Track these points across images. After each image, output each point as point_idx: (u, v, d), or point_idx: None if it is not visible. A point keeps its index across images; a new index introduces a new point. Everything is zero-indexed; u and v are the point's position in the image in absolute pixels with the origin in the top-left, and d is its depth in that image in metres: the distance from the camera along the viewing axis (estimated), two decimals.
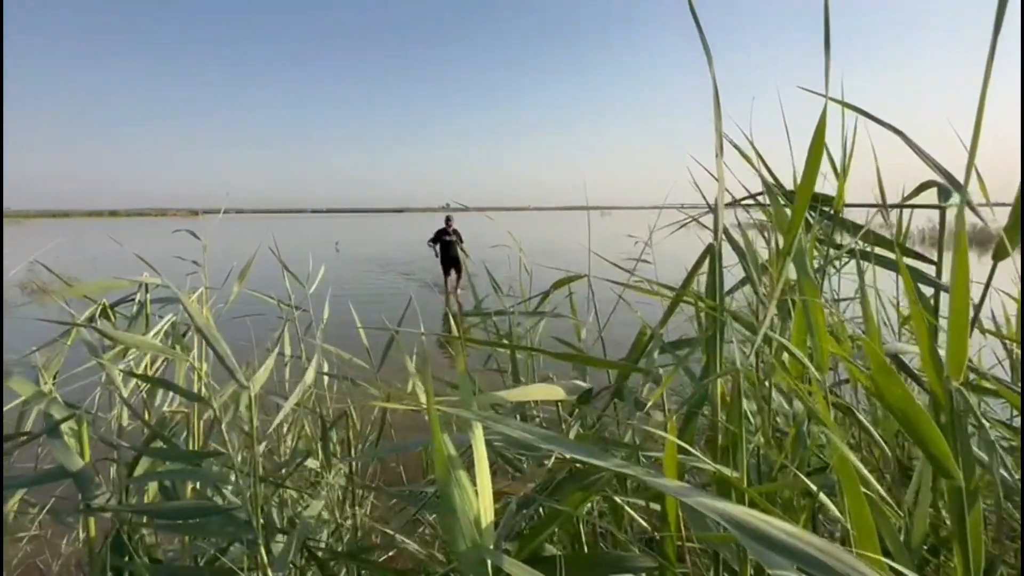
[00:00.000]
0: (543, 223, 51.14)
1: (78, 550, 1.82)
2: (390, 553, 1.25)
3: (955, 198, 1.08)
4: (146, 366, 1.38)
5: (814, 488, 0.68)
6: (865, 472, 0.55)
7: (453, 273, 9.64)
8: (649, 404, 0.58)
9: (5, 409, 1.21)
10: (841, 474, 0.57)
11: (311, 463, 1.18)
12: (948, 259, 1.17)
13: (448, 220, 9.59)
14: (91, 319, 1.38)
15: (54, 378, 1.17)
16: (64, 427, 0.96)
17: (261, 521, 0.85)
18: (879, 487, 0.59)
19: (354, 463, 1.10)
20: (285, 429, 1.55)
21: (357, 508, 1.13)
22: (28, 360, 1.17)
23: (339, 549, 1.11)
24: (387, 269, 14.35)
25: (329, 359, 1.75)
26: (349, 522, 1.15)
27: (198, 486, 1.07)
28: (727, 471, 0.61)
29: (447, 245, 9.46)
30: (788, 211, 0.85)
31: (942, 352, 0.58)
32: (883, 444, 0.71)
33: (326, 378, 1.70)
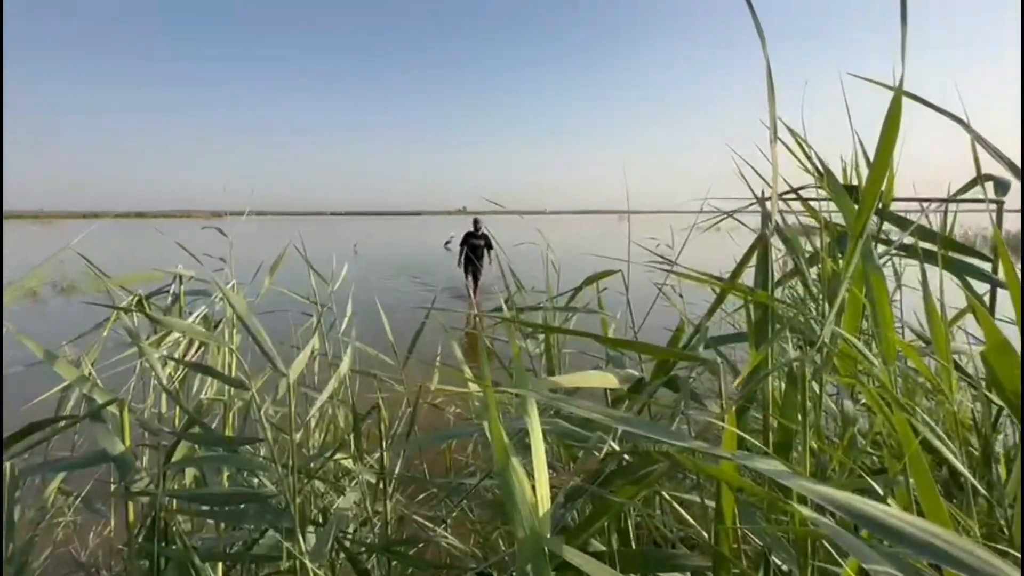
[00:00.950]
0: (561, 226, 51.04)
1: (105, 540, 1.85)
2: (418, 548, 1.24)
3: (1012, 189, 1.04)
4: (180, 355, 1.40)
5: (879, 488, 0.65)
6: (951, 457, 0.51)
7: (471, 279, 9.07)
8: (739, 381, 0.56)
9: (45, 396, 1.23)
10: (913, 466, 0.54)
11: (341, 456, 1.18)
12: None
13: (476, 223, 9.06)
14: (128, 309, 1.40)
15: (91, 366, 1.19)
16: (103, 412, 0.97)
17: (297, 509, 0.84)
18: (962, 467, 0.55)
19: (385, 456, 1.09)
20: (313, 423, 1.55)
21: (388, 501, 1.12)
22: (60, 353, 1.19)
23: (368, 541, 1.10)
24: (401, 272, 13.68)
25: (353, 355, 1.76)
26: (379, 516, 1.14)
27: (233, 474, 1.08)
28: (789, 466, 0.58)
29: (472, 249, 8.95)
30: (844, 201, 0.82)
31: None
32: (948, 443, 0.67)
33: (352, 373, 1.70)
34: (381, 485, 1.11)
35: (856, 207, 0.66)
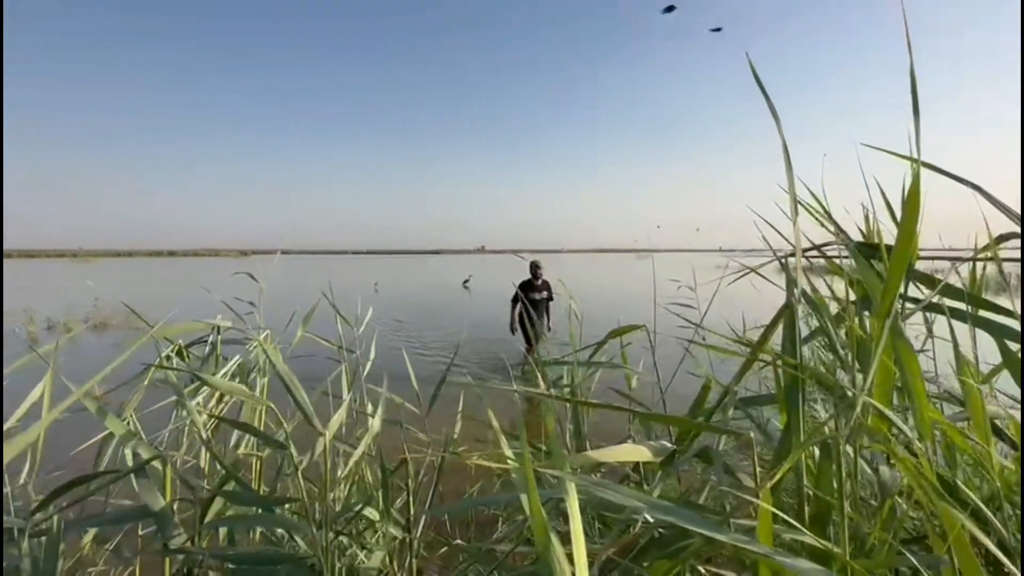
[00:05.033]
0: (580, 265, 51.21)
1: None
2: None
3: None
4: (214, 406, 1.44)
5: (921, 567, 0.63)
6: (994, 548, 0.51)
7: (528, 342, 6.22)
8: (770, 484, 0.56)
9: (86, 445, 1.28)
10: (961, 558, 0.53)
11: (370, 512, 1.19)
12: None
13: (536, 269, 6.34)
14: (168, 359, 1.47)
15: (134, 415, 1.25)
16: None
17: (330, 570, 0.85)
18: (996, 550, 0.54)
19: (412, 513, 1.10)
20: (340, 476, 1.56)
21: (413, 558, 1.12)
22: (90, 392, 1.25)
23: None
24: (422, 315, 11.42)
25: (376, 401, 1.78)
26: (406, 572, 1.14)
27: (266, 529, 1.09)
28: (828, 545, 0.58)
29: (533, 305, 6.18)
30: (870, 268, 0.83)
31: None
32: (997, 524, 0.66)
33: (381, 422, 1.72)
34: (408, 540, 1.11)
35: (881, 281, 0.67)
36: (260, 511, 0.94)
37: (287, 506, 1.04)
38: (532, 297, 6.24)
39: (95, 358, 7.52)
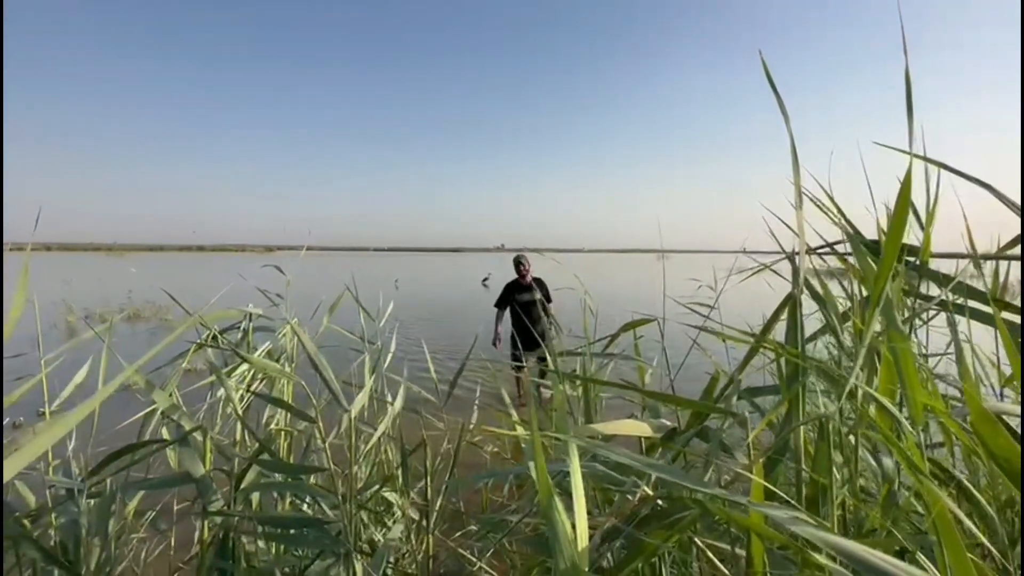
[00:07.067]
0: (599, 265, 50.95)
1: (160, 557, 1.97)
2: None
3: None
4: (246, 386, 1.54)
5: (911, 548, 0.66)
6: (974, 528, 0.54)
7: (532, 357, 4.96)
8: (751, 436, 0.60)
9: (129, 421, 1.39)
10: (942, 531, 0.56)
11: (387, 491, 1.26)
12: None
13: (520, 264, 5.16)
14: (206, 345, 1.57)
15: (176, 392, 1.34)
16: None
17: (354, 536, 0.92)
18: (986, 542, 0.57)
19: (430, 492, 1.16)
20: (361, 455, 1.65)
21: (430, 535, 1.18)
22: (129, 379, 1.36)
23: (411, 572, 1.16)
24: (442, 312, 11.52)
25: (396, 391, 1.87)
26: (422, 548, 1.20)
27: (294, 499, 1.17)
28: (819, 520, 0.61)
29: (525, 308, 5.02)
30: (873, 263, 0.86)
31: None
32: (988, 507, 0.68)
33: (399, 408, 1.80)
34: (424, 519, 1.18)
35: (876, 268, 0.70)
36: (290, 480, 1.01)
37: (313, 478, 1.11)
38: (522, 299, 5.06)
39: (129, 346, 7.90)
